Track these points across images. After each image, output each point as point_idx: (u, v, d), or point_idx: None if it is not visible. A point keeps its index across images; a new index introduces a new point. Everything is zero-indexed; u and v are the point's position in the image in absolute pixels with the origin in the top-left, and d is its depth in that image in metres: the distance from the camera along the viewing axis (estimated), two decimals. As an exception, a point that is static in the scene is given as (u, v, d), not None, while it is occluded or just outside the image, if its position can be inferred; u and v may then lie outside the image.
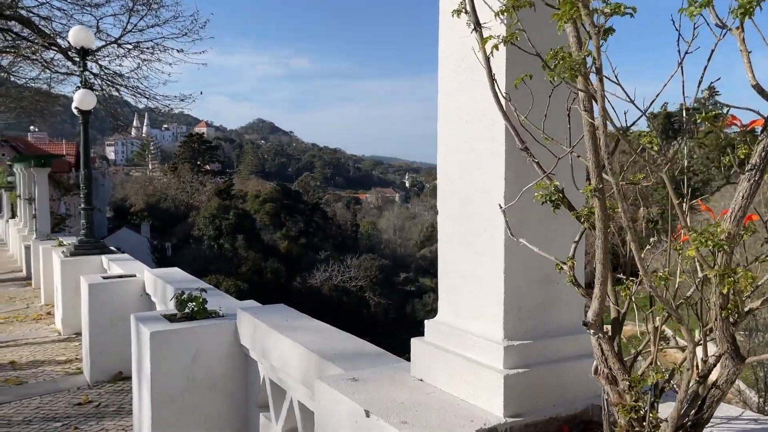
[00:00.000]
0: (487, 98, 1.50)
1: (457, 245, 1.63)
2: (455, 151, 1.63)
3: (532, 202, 1.40)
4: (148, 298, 5.81)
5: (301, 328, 3.22)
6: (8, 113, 26.43)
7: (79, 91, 7.65)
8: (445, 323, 1.66)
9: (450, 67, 1.63)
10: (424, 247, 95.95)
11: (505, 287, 1.47)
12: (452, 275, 1.65)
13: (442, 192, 1.69)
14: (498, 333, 1.49)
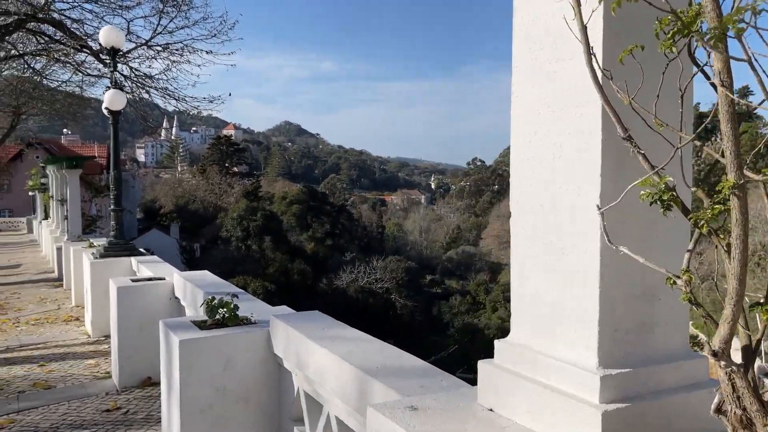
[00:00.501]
0: (577, 79, 1.26)
1: (536, 252, 1.39)
2: (534, 144, 1.39)
3: (629, 203, 1.16)
4: (178, 301, 5.67)
5: (338, 337, 3.01)
6: (42, 116, 26.90)
7: (109, 91, 7.58)
8: (521, 345, 1.42)
9: (528, 44, 1.39)
10: (450, 248, 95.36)
11: (600, 304, 1.23)
12: (530, 287, 1.41)
13: (517, 191, 1.45)
14: (591, 359, 1.24)
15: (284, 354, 3.32)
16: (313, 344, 2.92)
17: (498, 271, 78.56)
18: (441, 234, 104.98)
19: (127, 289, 5.57)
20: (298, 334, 3.11)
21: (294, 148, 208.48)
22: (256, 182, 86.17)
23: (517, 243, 1.45)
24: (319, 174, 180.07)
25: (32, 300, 11.41)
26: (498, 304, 60.02)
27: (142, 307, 5.59)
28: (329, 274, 61.74)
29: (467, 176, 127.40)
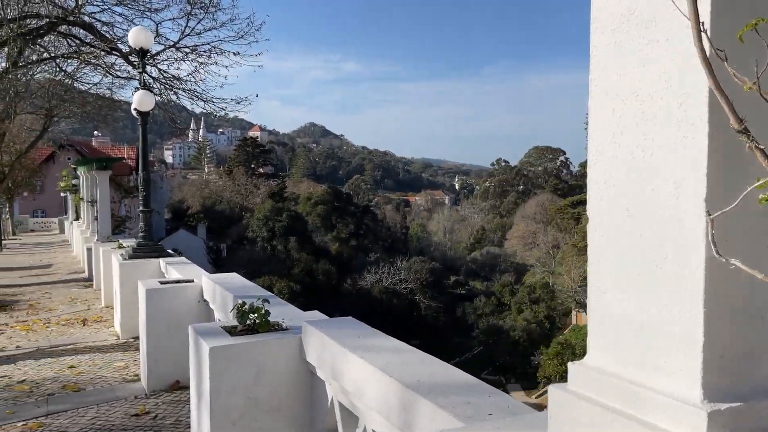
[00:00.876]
0: (675, 62, 1.08)
1: (622, 265, 1.22)
2: (620, 140, 1.21)
3: (739, 208, 0.98)
4: (206, 304, 5.59)
5: (376, 347, 2.85)
6: (73, 118, 27.34)
7: (138, 92, 7.56)
8: (603, 370, 1.24)
9: (611, 23, 1.22)
10: (475, 249, 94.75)
11: (705, 326, 1.05)
12: (614, 305, 1.23)
13: (597, 194, 1.27)
14: (694, 392, 1.06)
15: (318, 362, 3.18)
16: (350, 354, 2.78)
17: (523, 272, 77.74)
18: (465, 235, 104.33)
19: (156, 292, 5.50)
20: (332, 342, 2.97)
21: (318, 149, 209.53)
22: (281, 183, 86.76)
23: (596, 253, 1.27)
24: (344, 175, 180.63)
25: (63, 300, 11.51)
26: (524, 306, 59.37)
27: (170, 309, 5.52)
28: (353, 274, 61.81)
29: (491, 177, 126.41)
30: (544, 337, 53.70)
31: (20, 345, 7.84)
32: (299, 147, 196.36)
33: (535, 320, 56.39)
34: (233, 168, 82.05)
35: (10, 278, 15.39)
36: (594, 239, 1.28)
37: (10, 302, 11.54)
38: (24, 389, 5.79)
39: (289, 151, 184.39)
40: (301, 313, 4.01)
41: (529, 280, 69.67)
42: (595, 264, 1.29)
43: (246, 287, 5.02)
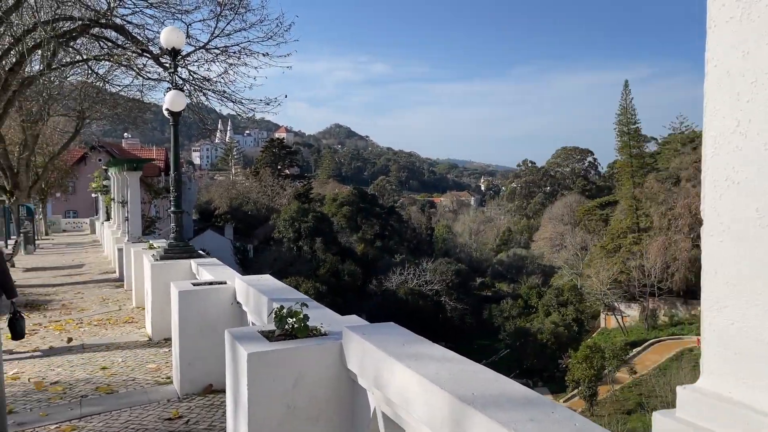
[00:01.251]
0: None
1: (748, 273, 1.04)
2: (746, 131, 1.04)
3: None
4: (239, 307, 5.49)
5: (422, 356, 2.70)
6: (104, 120, 27.75)
7: (170, 92, 7.52)
8: (721, 396, 1.07)
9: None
10: (501, 251, 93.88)
11: None
12: (735, 320, 1.06)
13: (714, 192, 1.10)
14: None
15: (359, 370, 3.04)
16: (395, 362, 2.63)
17: (550, 274, 76.80)
18: (491, 236, 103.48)
19: (188, 294, 5.43)
20: (375, 349, 2.82)
21: (344, 151, 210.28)
22: (307, 184, 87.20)
23: (713, 262, 1.09)
24: (369, 176, 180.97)
25: (95, 300, 11.59)
26: (551, 308, 58.61)
27: (203, 311, 5.44)
28: (379, 275, 61.76)
29: (517, 178, 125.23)
30: (572, 340, 52.96)
31: (53, 345, 7.86)
32: (325, 148, 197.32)
33: (563, 323, 55.68)
34: (260, 169, 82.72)
35: (43, 278, 15.61)
36: (709, 246, 1.11)
37: (43, 302, 11.66)
38: (57, 390, 5.77)
39: (315, 153, 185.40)
40: (338, 318, 3.88)
41: (556, 283, 68.77)
42: (710, 274, 1.11)
43: (280, 289, 4.91)
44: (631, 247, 61.14)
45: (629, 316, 58.49)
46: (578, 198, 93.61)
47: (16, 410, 5.20)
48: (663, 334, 53.58)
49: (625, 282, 58.78)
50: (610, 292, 57.46)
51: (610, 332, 58.79)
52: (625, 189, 67.37)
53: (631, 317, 58.48)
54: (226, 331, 3.49)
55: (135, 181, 13.77)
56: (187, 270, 7.73)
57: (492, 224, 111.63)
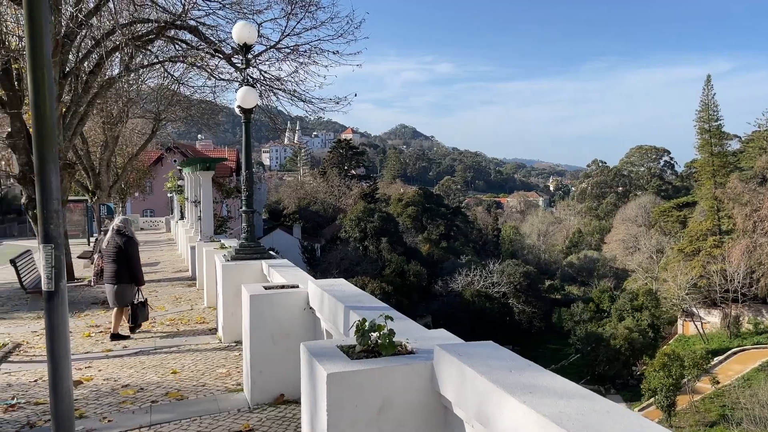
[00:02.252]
0: None
1: None
2: None
3: None
4: (312, 312, 5.17)
5: (538, 388, 2.23)
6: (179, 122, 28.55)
7: (242, 88, 7.33)
8: None
9: None
10: (571, 253, 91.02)
11: None
12: None
13: None
14: None
15: (456, 398, 2.61)
16: (505, 395, 2.18)
17: (623, 277, 73.83)
18: (560, 238, 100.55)
19: (260, 298, 5.15)
20: (478, 376, 2.38)
21: (409, 151, 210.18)
22: (373, 184, 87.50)
23: None
24: (434, 176, 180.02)
25: (168, 299, 11.68)
26: (625, 313, 56.27)
27: (275, 317, 5.15)
28: (444, 276, 61.10)
29: (588, 178, 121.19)
30: (647, 346, 50.72)
31: (126, 345, 7.85)
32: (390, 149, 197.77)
33: (638, 329, 53.37)
34: (327, 170, 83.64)
35: (120, 275, 16.03)
36: None
37: (120, 299, 11.87)
38: (129, 394, 5.65)
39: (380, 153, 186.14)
40: (424, 332, 3.46)
41: (630, 286, 66.18)
42: None
43: (357, 296, 4.54)
44: (711, 251, 57.97)
45: (709, 323, 55.44)
46: (653, 199, 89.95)
47: (87, 414, 5.08)
48: (747, 342, 50.44)
49: (705, 287, 55.85)
50: (689, 298, 54.65)
51: (689, 339, 55.98)
52: (705, 189, 63.87)
53: (712, 324, 55.41)
54: (302, 345, 3.13)
55: (207, 180, 13.85)
56: (258, 271, 7.52)
57: (561, 225, 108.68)
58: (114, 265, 8.32)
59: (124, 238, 8.44)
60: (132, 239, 8.55)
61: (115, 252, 8.36)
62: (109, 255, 8.40)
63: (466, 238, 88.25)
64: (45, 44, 4.10)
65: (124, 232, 8.55)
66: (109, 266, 8.39)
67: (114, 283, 8.28)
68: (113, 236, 8.52)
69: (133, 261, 8.31)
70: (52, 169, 4.15)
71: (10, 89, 13.45)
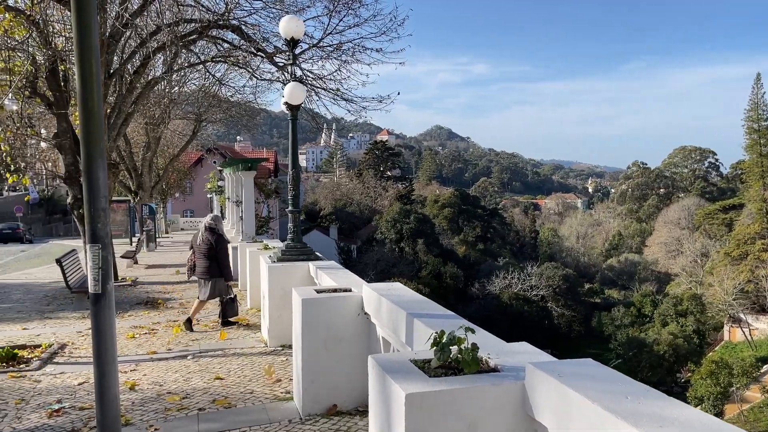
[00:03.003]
0: None
1: None
2: None
3: None
4: (367, 318, 4.87)
5: (668, 420, 1.87)
6: (219, 123, 28.74)
7: (290, 84, 7.09)
8: None
9: None
10: (610, 256, 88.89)
11: None
12: None
13: None
14: None
15: (556, 426, 2.25)
16: (628, 428, 1.82)
17: (665, 281, 71.80)
18: (599, 240, 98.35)
19: (312, 302, 4.86)
20: (587, 402, 2.02)
21: (444, 152, 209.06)
22: (409, 186, 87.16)
23: None
24: (470, 178, 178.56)
25: (210, 301, 11.55)
26: (668, 318, 54.63)
27: (328, 322, 4.86)
28: (481, 278, 60.38)
29: (628, 179, 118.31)
30: (692, 353, 49.14)
31: (171, 348, 7.68)
32: (425, 150, 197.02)
33: (682, 334, 51.76)
34: (363, 171, 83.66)
35: (162, 276, 16.05)
36: None
37: (162, 300, 11.80)
38: (175, 400, 5.43)
39: (416, 155, 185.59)
40: (503, 344, 3.10)
41: (673, 291, 64.38)
42: None
43: (418, 302, 4.22)
44: (760, 255, 55.94)
45: (758, 329, 53.49)
46: (697, 201, 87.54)
47: (133, 421, 4.88)
48: (799, 350, 48.49)
49: (754, 292, 53.90)
50: (736, 303, 52.81)
51: (736, 346, 54.18)
52: (753, 191, 61.68)
53: (761, 330, 53.44)
54: (370, 359, 2.82)
55: (249, 180, 13.74)
56: (305, 273, 7.26)
57: (600, 228, 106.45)
58: (206, 260, 8.75)
59: (215, 235, 8.89)
60: (222, 236, 9.02)
61: (207, 248, 8.81)
62: (201, 251, 8.86)
63: (503, 240, 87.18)
64: (93, 35, 3.90)
65: (215, 229, 8.96)
66: (201, 262, 8.84)
67: (206, 278, 8.78)
68: (205, 233, 8.92)
69: (222, 257, 8.75)
70: (100, 165, 3.94)
71: (56, 90, 13.57)
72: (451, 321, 3.60)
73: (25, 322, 9.74)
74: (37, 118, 15.94)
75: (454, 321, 3.61)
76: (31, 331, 9.02)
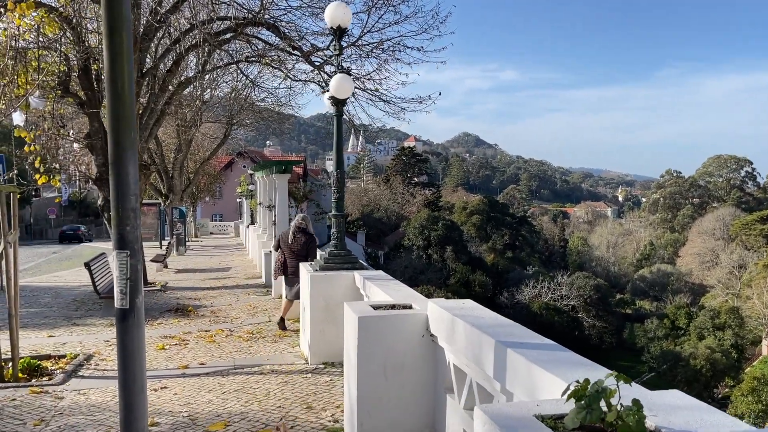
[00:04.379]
0: None
1: None
2: None
3: None
4: (432, 340, 4.18)
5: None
6: (250, 127, 28.39)
7: (336, 76, 6.46)
8: None
9: None
10: (642, 266, 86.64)
11: None
12: None
13: None
14: None
15: None
16: None
17: (700, 293, 69.65)
18: (630, 250, 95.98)
19: (371, 321, 4.18)
20: None
21: (472, 159, 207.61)
22: (437, 192, 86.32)
23: None
24: (497, 185, 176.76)
25: (243, 308, 11.00)
26: (705, 332, 52.81)
27: (387, 344, 4.18)
28: (510, 287, 59.32)
29: (661, 188, 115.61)
30: (730, 368, 47.35)
31: (204, 362, 7.09)
32: (453, 157, 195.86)
33: (720, 348, 49.95)
34: (390, 177, 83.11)
35: (193, 281, 15.59)
36: None
37: (193, 306, 11.28)
38: (211, 431, 4.80)
39: (443, 161, 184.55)
40: (645, 392, 2.37)
41: (708, 303, 62.42)
42: None
43: (503, 326, 3.52)
44: (802, 267, 53.99)
45: (797, 344, 51.57)
46: (732, 211, 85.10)
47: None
48: (843, 367, 46.35)
49: (794, 306, 52.07)
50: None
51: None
52: (795, 201, 59.62)
53: (800, 345, 51.51)
54: (477, 410, 2.13)
55: (283, 184, 13.20)
56: (350, 284, 6.60)
57: (631, 237, 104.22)
58: (297, 260, 8.68)
59: (306, 236, 8.99)
60: (314, 237, 9.16)
61: (300, 248, 8.88)
62: (294, 251, 8.92)
63: (532, 248, 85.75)
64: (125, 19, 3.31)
65: (306, 230, 9.03)
66: (293, 261, 8.84)
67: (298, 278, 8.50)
68: (296, 233, 8.97)
69: (314, 258, 8.56)
70: (130, 158, 3.31)
71: (89, 89, 13.21)
72: (555, 354, 2.91)
73: (51, 329, 9.28)
74: (68, 119, 15.65)
75: (559, 354, 2.91)
76: (57, 339, 8.54)
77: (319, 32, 14.26)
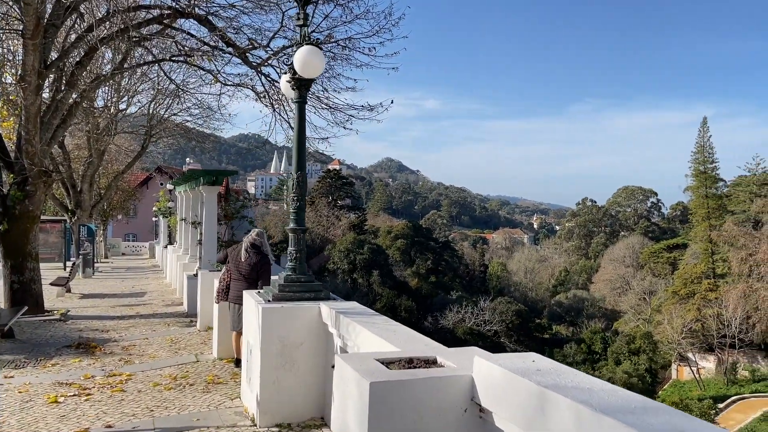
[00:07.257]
0: None
1: None
2: None
3: None
4: (482, 417, 2.78)
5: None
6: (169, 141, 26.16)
7: (303, 48, 5.02)
8: None
9: None
10: (557, 292, 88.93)
11: None
12: None
13: None
14: None
15: None
16: None
17: (613, 318, 71.95)
18: (545, 276, 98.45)
19: (390, 390, 2.72)
20: None
21: (395, 184, 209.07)
22: (362, 216, 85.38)
23: None
24: (419, 210, 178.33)
25: (162, 344, 9.09)
26: (621, 356, 54.18)
27: (411, 425, 2.74)
28: (434, 312, 59.00)
29: (575, 216, 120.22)
30: (645, 392, 48.50)
31: (111, 423, 5.28)
32: (376, 181, 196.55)
33: (636, 373, 51.36)
34: (315, 199, 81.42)
35: (100, 308, 13.37)
36: None
37: (99, 341, 9.27)
38: None
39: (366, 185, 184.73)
40: None
41: (621, 328, 64.52)
42: None
43: (600, 391, 2.18)
44: (706, 294, 56.84)
45: (704, 368, 53.85)
46: (641, 239, 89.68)
47: None
48: (745, 390, 48.76)
49: (701, 331, 54.44)
50: (684, 341, 53.15)
51: (684, 385, 54.47)
52: (699, 231, 63.01)
53: (707, 369, 53.87)
54: None
55: (212, 197, 11.45)
56: (315, 319, 5.07)
57: (547, 264, 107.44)
58: (245, 283, 7.16)
59: (259, 256, 7.39)
60: (267, 257, 7.52)
61: (250, 270, 7.28)
62: (242, 272, 7.35)
63: (454, 272, 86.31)
64: None
65: (260, 248, 7.46)
66: (239, 284, 7.26)
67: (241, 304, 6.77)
68: (248, 251, 7.35)
69: (266, 281, 6.93)
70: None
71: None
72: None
73: None
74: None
75: None
76: None
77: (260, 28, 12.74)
